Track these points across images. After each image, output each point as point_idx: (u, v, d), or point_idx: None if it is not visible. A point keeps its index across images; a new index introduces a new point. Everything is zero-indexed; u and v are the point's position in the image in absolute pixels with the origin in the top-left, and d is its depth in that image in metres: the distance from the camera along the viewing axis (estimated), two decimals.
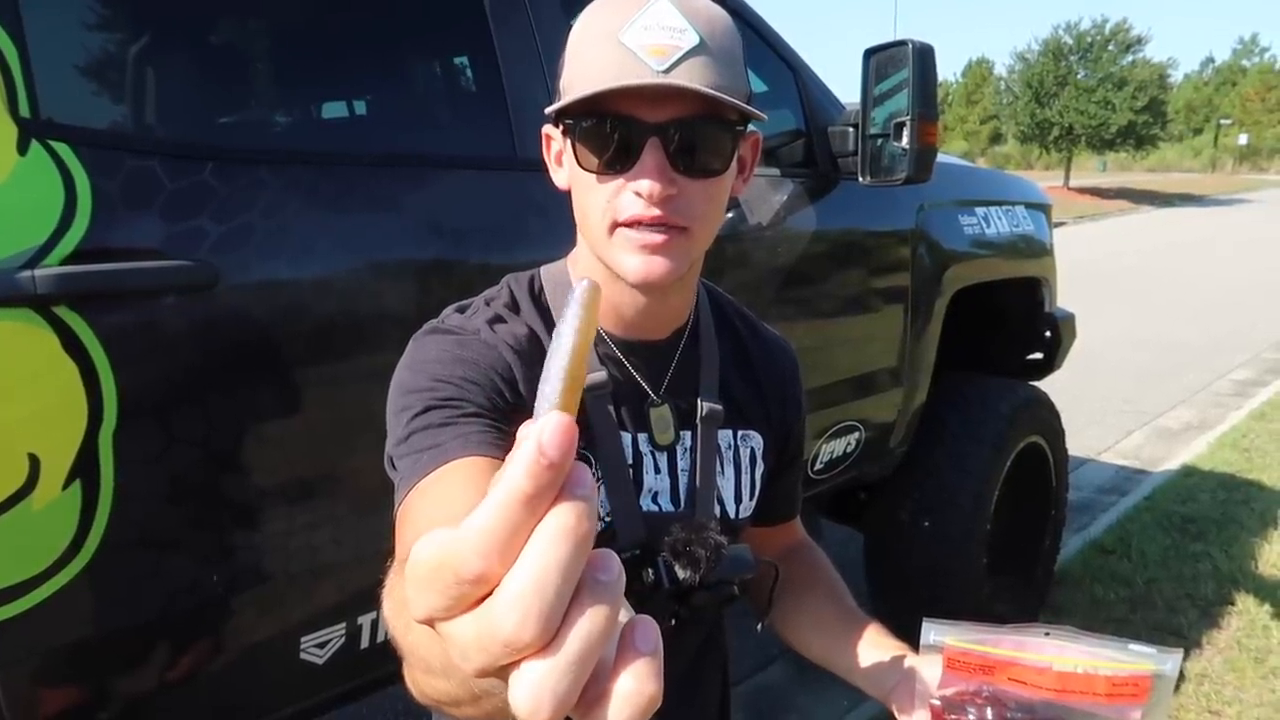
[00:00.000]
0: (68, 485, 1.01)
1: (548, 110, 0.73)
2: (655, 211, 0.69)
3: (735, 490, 0.87)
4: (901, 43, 1.82)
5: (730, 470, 0.87)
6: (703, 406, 0.84)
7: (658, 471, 0.82)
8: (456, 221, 1.38)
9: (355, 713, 2.20)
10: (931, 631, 0.69)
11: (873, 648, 0.83)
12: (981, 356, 2.86)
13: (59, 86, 1.06)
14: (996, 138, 54.43)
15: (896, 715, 0.76)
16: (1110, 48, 29.72)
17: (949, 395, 2.52)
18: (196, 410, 1.11)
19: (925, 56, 1.78)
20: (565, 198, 0.77)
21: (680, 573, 0.75)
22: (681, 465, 0.84)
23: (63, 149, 1.01)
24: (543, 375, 0.29)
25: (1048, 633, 0.66)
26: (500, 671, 0.28)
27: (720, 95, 0.67)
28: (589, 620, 0.27)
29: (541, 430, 0.26)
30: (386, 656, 1.30)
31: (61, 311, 0.98)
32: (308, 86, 1.53)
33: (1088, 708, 0.63)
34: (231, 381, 1.14)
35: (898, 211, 2.21)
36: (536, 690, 0.26)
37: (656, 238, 0.70)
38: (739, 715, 1.03)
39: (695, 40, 0.67)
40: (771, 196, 1.89)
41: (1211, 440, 4.71)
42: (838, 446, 2.16)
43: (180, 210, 1.09)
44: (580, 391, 0.29)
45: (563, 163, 0.76)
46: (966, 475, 2.45)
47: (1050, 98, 29.82)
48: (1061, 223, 15.66)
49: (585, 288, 0.30)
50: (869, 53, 1.88)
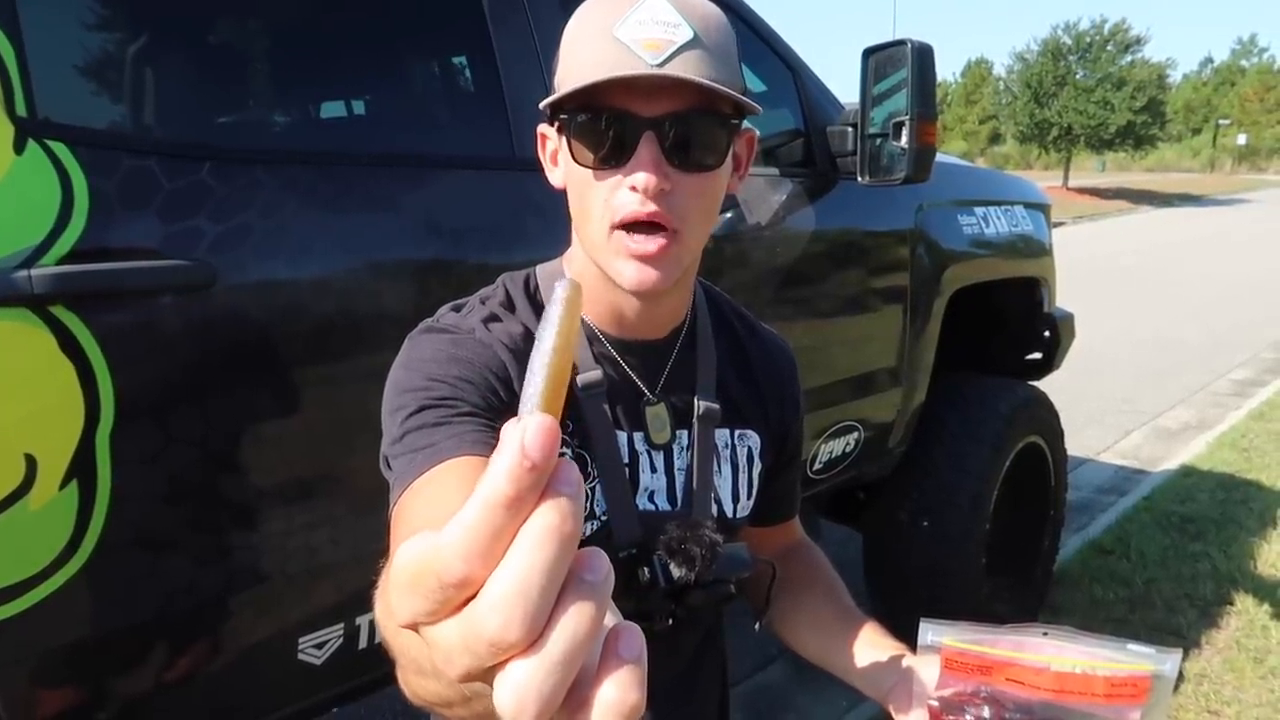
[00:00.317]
0: (65, 485, 1.01)
1: (542, 104, 0.72)
2: (651, 208, 0.69)
3: (732, 489, 0.87)
4: (900, 42, 1.82)
5: (727, 469, 0.87)
6: (699, 405, 0.84)
7: (654, 470, 0.82)
8: (454, 221, 1.38)
9: (354, 713, 2.19)
10: (929, 632, 0.69)
11: (870, 648, 0.83)
12: (980, 356, 2.86)
13: (56, 86, 1.06)
14: (995, 138, 54.45)
15: (894, 716, 0.75)
16: (1109, 48, 29.69)
17: (948, 395, 2.52)
18: (194, 410, 1.11)
19: (924, 56, 1.78)
20: (562, 197, 0.77)
21: (676, 571, 0.74)
22: (678, 464, 0.83)
23: (60, 148, 1.01)
24: (526, 376, 0.29)
25: (1046, 633, 0.66)
26: (485, 675, 0.27)
27: (715, 86, 0.67)
28: (574, 619, 0.26)
29: (524, 432, 0.26)
30: (384, 657, 1.29)
31: (58, 311, 0.98)
32: (306, 86, 1.53)
33: (1086, 708, 0.63)
34: (229, 382, 1.14)
35: (897, 211, 2.21)
36: (522, 691, 0.26)
37: (650, 246, 0.70)
38: (738, 715, 1.03)
39: (689, 35, 0.67)
40: (770, 196, 1.89)
41: (1210, 440, 4.72)
42: (837, 446, 2.16)
43: (178, 210, 1.09)
44: (564, 391, 0.29)
45: (558, 161, 0.76)
46: (965, 475, 2.45)
47: (1049, 98, 29.80)
48: (1060, 223, 15.62)
49: (566, 286, 0.29)
50: (868, 52, 1.88)
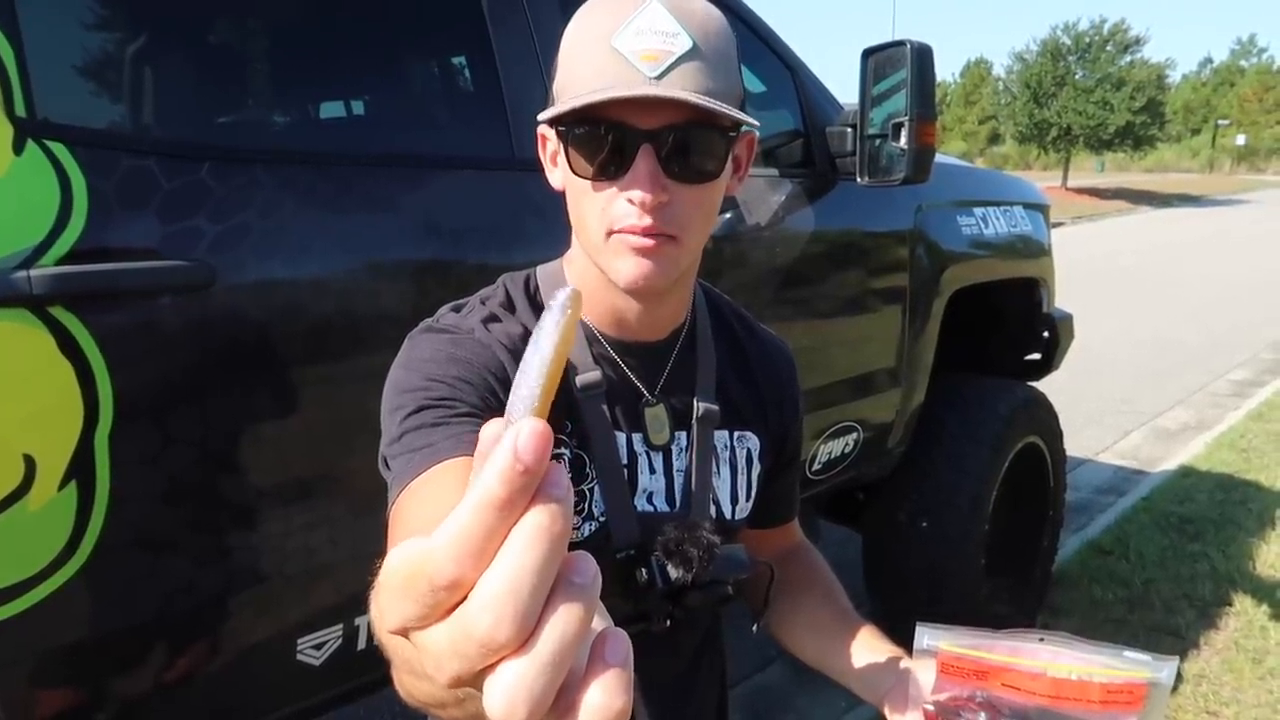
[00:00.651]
0: (63, 486, 1.00)
1: (540, 117, 0.73)
2: (648, 220, 0.69)
3: (731, 491, 0.87)
4: (900, 43, 1.82)
5: (726, 471, 0.87)
6: (699, 407, 0.84)
7: (653, 472, 0.82)
8: (454, 222, 1.38)
9: (353, 714, 2.19)
10: (925, 636, 0.69)
11: (867, 651, 0.83)
12: (980, 357, 2.86)
13: (55, 86, 1.06)
14: (994, 138, 54.47)
15: (890, 719, 0.75)
16: (1108, 48, 29.68)
17: (947, 396, 2.52)
18: (193, 411, 1.11)
19: (923, 57, 1.78)
20: (562, 198, 0.77)
21: (673, 572, 0.75)
22: (677, 466, 0.83)
23: (59, 148, 1.01)
24: (517, 379, 0.29)
25: (1042, 638, 0.66)
26: (474, 680, 0.28)
27: (712, 104, 0.66)
28: (563, 620, 0.27)
29: (517, 435, 0.26)
30: (382, 658, 1.29)
31: (57, 312, 0.98)
32: (305, 86, 1.53)
33: (1081, 715, 0.63)
34: (228, 382, 1.14)
35: (896, 212, 2.21)
36: (512, 692, 0.26)
37: (648, 242, 0.71)
38: (736, 716, 1.03)
39: (688, 45, 0.67)
40: (770, 197, 1.89)
41: (1209, 441, 4.72)
42: (836, 447, 2.16)
43: (177, 210, 1.09)
44: (552, 398, 0.29)
45: (558, 163, 0.76)
46: (964, 476, 2.45)
47: (1048, 98, 29.78)
48: (1059, 223, 15.65)
49: (567, 293, 0.30)
50: (867, 53, 1.88)
